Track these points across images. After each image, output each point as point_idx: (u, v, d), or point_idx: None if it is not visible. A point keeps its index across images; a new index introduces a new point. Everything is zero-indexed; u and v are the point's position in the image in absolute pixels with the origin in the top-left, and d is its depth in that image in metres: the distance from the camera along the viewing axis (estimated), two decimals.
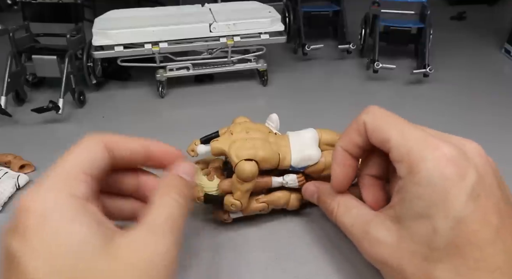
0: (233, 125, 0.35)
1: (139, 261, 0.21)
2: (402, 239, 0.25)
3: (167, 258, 0.22)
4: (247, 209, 0.33)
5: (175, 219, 0.24)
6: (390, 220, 0.26)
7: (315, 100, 0.54)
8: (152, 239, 0.22)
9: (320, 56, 0.65)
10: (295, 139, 0.34)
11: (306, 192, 0.34)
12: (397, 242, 0.25)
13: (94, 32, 0.50)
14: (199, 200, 0.33)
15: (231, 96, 0.55)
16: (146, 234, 0.22)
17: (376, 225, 0.27)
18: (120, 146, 0.26)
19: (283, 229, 0.35)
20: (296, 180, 0.34)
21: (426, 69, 0.56)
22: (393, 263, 0.25)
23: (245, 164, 0.31)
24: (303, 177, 0.34)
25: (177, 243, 0.23)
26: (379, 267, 0.27)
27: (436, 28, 0.60)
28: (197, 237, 0.34)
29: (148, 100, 0.54)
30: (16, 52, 0.51)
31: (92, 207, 0.22)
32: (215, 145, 0.33)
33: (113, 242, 0.21)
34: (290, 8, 0.65)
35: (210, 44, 0.53)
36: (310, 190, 0.34)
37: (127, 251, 0.21)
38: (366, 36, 0.63)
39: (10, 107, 0.50)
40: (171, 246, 0.22)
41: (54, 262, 0.20)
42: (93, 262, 0.20)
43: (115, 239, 0.21)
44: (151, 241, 0.22)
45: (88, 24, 0.55)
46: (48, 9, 0.54)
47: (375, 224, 0.27)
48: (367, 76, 0.60)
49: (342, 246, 0.33)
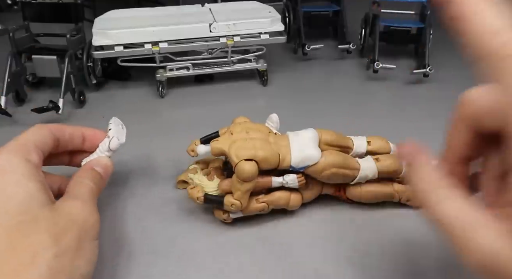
0: (233, 125, 0.35)
1: (76, 217, 0.26)
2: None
3: (94, 218, 0.28)
4: (247, 209, 0.33)
5: (93, 194, 0.30)
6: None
7: (315, 100, 0.54)
8: (81, 203, 0.28)
9: (320, 56, 0.65)
10: (295, 139, 0.34)
11: (404, 149, 0.25)
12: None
13: (94, 32, 0.50)
14: (199, 200, 0.33)
15: (231, 96, 0.55)
16: (76, 200, 0.28)
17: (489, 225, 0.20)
18: (61, 130, 0.32)
19: (283, 229, 0.35)
20: (296, 180, 0.33)
21: (426, 69, 0.56)
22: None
23: (245, 164, 0.31)
24: (303, 177, 0.34)
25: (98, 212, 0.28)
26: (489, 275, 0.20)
27: (436, 28, 0.60)
28: (197, 237, 0.34)
29: (148, 100, 0.54)
30: (16, 52, 0.51)
31: (41, 173, 0.28)
32: (215, 145, 0.33)
33: (53, 201, 0.27)
34: (290, 8, 0.65)
35: (210, 44, 0.53)
36: (411, 151, 0.24)
37: (66, 209, 0.27)
38: (366, 36, 0.63)
39: (10, 107, 0.49)
40: (95, 212, 0.28)
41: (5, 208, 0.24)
42: (39, 212, 0.25)
43: (54, 201, 0.27)
44: (82, 205, 0.28)
45: (88, 24, 0.55)
46: (48, 9, 0.54)
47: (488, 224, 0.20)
48: (367, 76, 0.60)
49: (342, 246, 0.33)
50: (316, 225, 0.35)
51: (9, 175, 0.26)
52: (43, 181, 0.27)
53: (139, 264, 0.32)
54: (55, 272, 0.23)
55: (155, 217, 0.36)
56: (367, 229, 0.35)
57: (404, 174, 0.35)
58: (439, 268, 0.31)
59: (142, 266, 0.32)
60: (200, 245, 0.33)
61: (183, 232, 0.35)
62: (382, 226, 0.35)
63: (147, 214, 0.36)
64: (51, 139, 0.31)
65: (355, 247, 0.33)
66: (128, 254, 0.33)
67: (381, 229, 0.35)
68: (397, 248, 0.33)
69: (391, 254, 0.33)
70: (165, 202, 0.37)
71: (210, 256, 0.33)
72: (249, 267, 0.32)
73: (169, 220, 0.36)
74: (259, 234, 0.35)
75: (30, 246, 0.23)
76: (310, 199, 0.36)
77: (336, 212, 0.37)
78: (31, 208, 0.25)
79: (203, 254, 0.33)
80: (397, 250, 0.33)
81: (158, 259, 0.32)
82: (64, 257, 0.24)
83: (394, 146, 0.37)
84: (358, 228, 0.35)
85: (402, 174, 0.35)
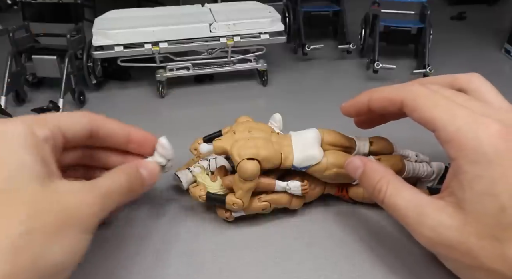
0: (235, 125, 0.35)
1: (69, 201, 0.24)
2: (467, 222, 0.24)
3: (91, 211, 0.25)
4: (249, 208, 0.33)
5: (112, 192, 0.27)
6: (452, 207, 0.26)
7: (315, 100, 0.54)
8: (85, 191, 0.25)
9: (320, 56, 0.65)
10: (297, 138, 0.34)
11: (349, 166, 0.31)
12: (463, 225, 0.25)
13: (94, 32, 0.50)
14: (201, 199, 0.33)
15: (231, 96, 0.55)
16: (83, 186, 0.25)
17: (435, 209, 0.26)
18: (104, 123, 0.30)
19: (284, 228, 0.35)
20: (300, 188, 0.33)
21: (426, 69, 0.56)
22: (460, 247, 0.25)
23: (247, 163, 0.31)
24: (307, 186, 0.34)
25: (102, 209, 0.26)
26: (439, 252, 0.27)
27: (436, 28, 0.60)
28: (197, 236, 0.34)
29: (148, 100, 0.54)
30: (16, 52, 0.51)
31: (46, 148, 0.25)
32: (217, 144, 0.33)
33: (51, 179, 0.24)
34: (290, 8, 0.65)
35: (210, 44, 0.53)
36: (354, 164, 0.31)
37: (61, 189, 0.24)
38: (366, 36, 0.63)
39: (10, 107, 0.49)
40: (96, 205, 0.25)
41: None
42: (27, 184, 0.23)
43: (54, 179, 0.24)
44: (84, 192, 0.25)
45: (88, 24, 0.55)
46: (48, 9, 0.54)
47: (434, 209, 0.26)
48: (367, 76, 0.60)
49: (343, 246, 0.33)
50: (317, 225, 0.35)
51: (7, 142, 0.24)
52: (46, 156, 0.25)
53: (139, 263, 0.32)
54: (18, 249, 0.21)
55: (155, 216, 0.36)
56: (369, 229, 0.35)
57: (407, 174, 0.35)
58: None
59: (142, 265, 0.32)
60: (200, 245, 0.33)
61: (183, 231, 0.34)
62: (385, 226, 0.35)
63: (147, 213, 0.36)
64: (84, 127, 0.29)
65: (357, 247, 0.33)
66: (128, 253, 0.32)
67: (384, 229, 0.35)
68: (400, 248, 0.33)
69: (394, 253, 0.32)
70: (166, 201, 0.37)
71: (210, 256, 0.32)
72: (249, 267, 0.32)
73: (169, 219, 0.36)
74: (260, 233, 0.34)
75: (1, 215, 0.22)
76: (312, 199, 0.36)
77: (338, 212, 0.36)
78: (18, 179, 0.23)
79: (203, 253, 0.33)
80: (400, 250, 0.33)
81: (158, 258, 0.32)
82: (34, 236, 0.22)
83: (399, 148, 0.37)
84: (360, 228, 0.35)
85: (404, 175, 0.35)
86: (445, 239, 0.25)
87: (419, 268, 0.31)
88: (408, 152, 0.37)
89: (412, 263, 0.32)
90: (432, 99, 0.27)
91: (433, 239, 0.26)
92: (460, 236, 0.25)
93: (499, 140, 0.24)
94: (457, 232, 0.25)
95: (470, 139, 0.24)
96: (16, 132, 0.24)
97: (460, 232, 0.25)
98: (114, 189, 0.27)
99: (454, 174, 0.26)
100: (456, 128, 0.25)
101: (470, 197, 0.24)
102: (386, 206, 0.29)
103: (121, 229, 0.35)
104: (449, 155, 0.26)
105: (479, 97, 0.29)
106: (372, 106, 0.31)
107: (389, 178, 0.29)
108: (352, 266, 0.32)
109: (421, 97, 0.28)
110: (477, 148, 0.24)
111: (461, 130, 0.25)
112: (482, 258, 0.24)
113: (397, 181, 0.29)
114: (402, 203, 0.28)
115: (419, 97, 0.28)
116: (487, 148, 0.24)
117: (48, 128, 0.26)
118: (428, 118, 0.27)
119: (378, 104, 0.31)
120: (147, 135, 0.33)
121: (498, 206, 0.23)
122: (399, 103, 0.29)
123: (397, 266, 0.32)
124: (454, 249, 0.25)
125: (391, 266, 0.32)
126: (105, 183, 0.27)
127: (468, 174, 0.24)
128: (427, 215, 0.26)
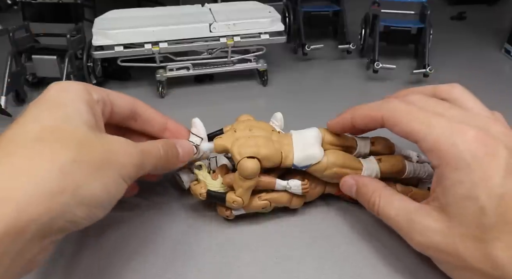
0: (236, 123, 0.35)
1: (113, 145, 0.26)
2: (451, 225, 0.26)
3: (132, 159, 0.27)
4: (249, 206, 0.33)
5: (150, 153, 0.29)
6: (437, 211, 0.27)
7: (315, 100, 0.54)
8: (128, 143, 0.28)
9: (320, 56, 0.65)
10: (298, 137, 0.34)
11: (344, 185, 0.34)
12: (448, 228, 0.26)
13: (94, 32, 0.50)
14: (201, 196, 0.33)
15: (231, 96, 0.55)
16: (126, 141, 0.28)
17: (422, 215, 0.28)
18: (146, 108, 0.34)
19: (284, 228, 0.35)
20: (300, 187, 0.33)
21: (426, 69, 0.56)
22: (447, 249, 0.26)
23: (247, 161, 0.31)
24: (307, 185, 0.34)
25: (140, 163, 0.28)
26: (431, 255, 0.28)
27: (436, 28, 0.60)
28: (197, 235, 0.34)
29: (148, 100, 0.53)
30: (16, 52, 0.51)
31: (97, 108, 0.29)
32: (218, 142, 0.33)
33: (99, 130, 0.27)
34: (290, 8, 0.65)
35: (210, 44, 0.53)
36: (348, 183, 0.33)
37: (107, 138, 0.27)
38: (366, 36, 0.63)
39: (10, 107, 0.49)
40: (135, 157, 0.27)
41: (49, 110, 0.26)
42: (79, 126, 0.25)
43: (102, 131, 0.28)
44: (127, 144, 0.27)
45: (88, 24, 0.55)
46: (48, 9, 0.54)
47: (421, 214, 0.28)
48: (367, 76, 0.60)
49: (342, 246, 0.33)
50: (318, 224, 0.35)
51: (68, 93, 0.27)
52: (97, 113, 0.28)
53: (139, 262, 0.32)
54: (64, 173, 0.23)
55: (155, 216, 0.36)
56: (369, 229, 0.35)
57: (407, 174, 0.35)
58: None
59: (142, 264, 0.31)
60: (200, 244, 0.33)
61: (183, 230, 0.34)
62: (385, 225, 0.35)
63: (147, 213, 0.36)
64: (128, 105, 0.32)
65: (357, 247, 0.33)
66: (128, 252, 0.32)
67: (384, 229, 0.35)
68: (401, 248, 0.33)
69: (395, 253, 0.32)
70: (166, 200, 0.37)
71: (210, 255, 0.32)
72: (249, 266, 0.32)
73: (170, 218, 0.36)
74: (260, 232, 0.34)
75: (55, 142, 0.24)
76: (312, 198, 0.36)
77: (338, 212, 0.36)
78: (72, 120, 0.25)
79: (203, 252, 0.33)
80: (401, 250, 0.32)
81: (158, 257, 0.32)
82: (80, 166, 0.23)
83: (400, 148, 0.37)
84: (360, 228, 0.35)
85: (405, 175, 0.35)
86: (434, 242, 0.27)
87: (420, 268, 0.31)
88: (410, 152, 0.37)
89: (414, 263, 0.32)
90: (410, 113, 0.29)
91: (423, 243, 0.28)
92: (446, 239, 0.26)
93: (476, 144, 0.25)
94: (443, 235, 0.26)
95: (449, 146, 0.26)
96: (77, 87, 0.28)
97: (445, 235, 0.26)
98: (152, 151, 0.30)
99: (437, 180, 0.27)
100: (435, 138, 0.26)
101: (453, 201, 0.26)
102: (381, 217, 0.31)
103: (120, 228, 0.35)
104: (432, 163, 0.27)
105: (461, 105, 0.30)
106: (355, 123, 0.33)
107: (380, 191, 0.31)
108: (353, 265, 0.32)
109: (399, 112, 0.29)
110: (455, 154, 0.25)
111: (440, 139, 0.26)
112: (467, 258, 0.25)
113: (387, 193, 0.31)
114: (393, 212, 0.30)
115: (398, 112, 0.29)
116: (465, 154, 0.25)
117: (100, 94, 0.29)
118: (409, 131, 0.28)
119: (360, 122, 0.32)
120: (181, 126, 0.36)
121: (478, 208, 0.24)
122: (380, 119, 0.30)
123: (398, 266, 0.32)
124: (442, 251, 0.27)
125: (392, 266, 0.32)
126: (145, 144, 0.29)
127: (450, 180, 0.26)
128: (416, 220, 0.28)
